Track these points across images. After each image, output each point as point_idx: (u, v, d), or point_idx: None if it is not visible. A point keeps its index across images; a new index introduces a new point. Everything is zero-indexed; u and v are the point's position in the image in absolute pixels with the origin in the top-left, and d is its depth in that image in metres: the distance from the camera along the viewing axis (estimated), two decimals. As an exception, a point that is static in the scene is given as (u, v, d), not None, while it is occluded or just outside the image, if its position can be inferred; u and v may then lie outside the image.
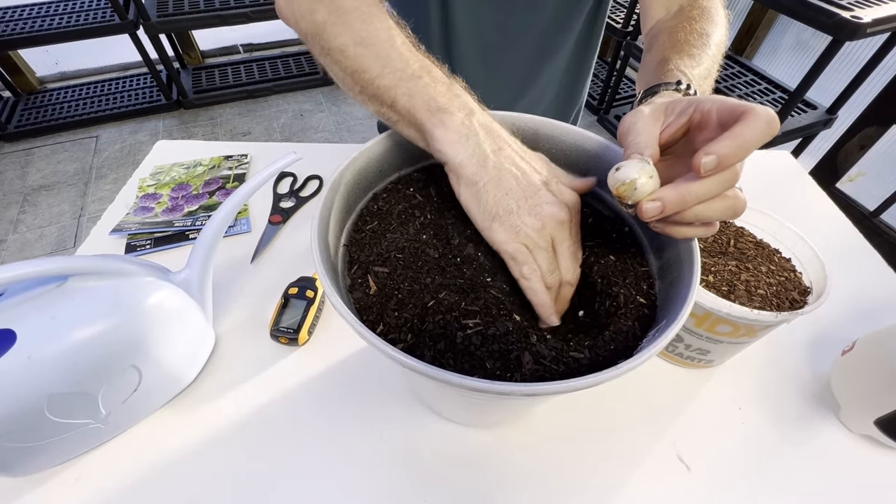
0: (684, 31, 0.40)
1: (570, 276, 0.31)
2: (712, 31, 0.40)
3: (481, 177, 0.30)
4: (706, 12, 0.42)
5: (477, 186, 0.30)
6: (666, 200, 0.25)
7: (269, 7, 2.00)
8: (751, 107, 0.24)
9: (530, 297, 0.30)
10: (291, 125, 2.13)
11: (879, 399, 0.37)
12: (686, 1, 0.45)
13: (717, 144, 0.23)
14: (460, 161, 0.30)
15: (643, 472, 0.38)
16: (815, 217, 0.62)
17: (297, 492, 0.37)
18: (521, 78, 0.66)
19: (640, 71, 0.41)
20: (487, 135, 0.31)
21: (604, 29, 0.67)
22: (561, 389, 0.21)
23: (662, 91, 0.34)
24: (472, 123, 0.31)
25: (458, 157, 0.30)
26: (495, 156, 0.30)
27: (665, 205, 0.25)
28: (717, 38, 0.41)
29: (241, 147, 0.71)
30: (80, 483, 0.37)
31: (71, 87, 2.22)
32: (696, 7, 0.44)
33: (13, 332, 0.31)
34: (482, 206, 0.30)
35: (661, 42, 0.41)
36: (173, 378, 0.40)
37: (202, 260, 0.42)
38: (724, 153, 0.23)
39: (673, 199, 0.25)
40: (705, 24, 0.41)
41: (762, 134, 0.23)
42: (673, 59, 0.36)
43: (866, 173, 1.53)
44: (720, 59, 0.40)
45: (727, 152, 0.23)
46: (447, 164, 0.31)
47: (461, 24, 0.60)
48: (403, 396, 0.42)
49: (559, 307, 0.31)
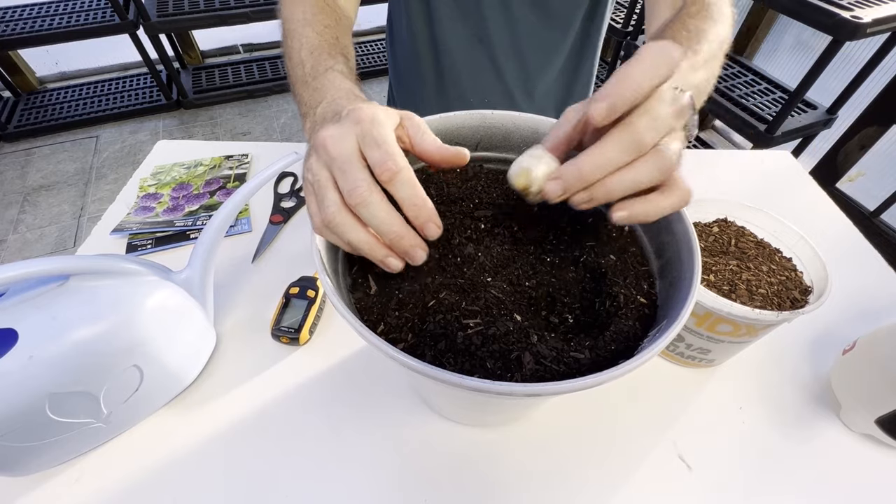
0: (673, 28, 0.39)
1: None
2: (708, 28, 0.39)
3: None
4: (705, 8, 0.41)
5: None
6: (565, 176, 0.24)
7: (269, 7, 2.00)
8: (640, 49, 0.23)
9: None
10: (291, 125, 2.13)
11: (880, 398, 0.37)
12: None
13: (603, 89, 0.22)
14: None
15: (644, 472, 0.38)
16: (815, 217, 0.62)
17: (298, 491, 0.37)
18: (517, 78, 0.66)
19: None
20: (317, 120, 0.33)
21: (603, 33, 0.67)
22: (562, 390, 0.21)
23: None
24: (315, 117, 0.33)
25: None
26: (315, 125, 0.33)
27: (565, 181, 0.24)
28: (715, 32, 0.39)
29: (241, 147, 0.71)
30: (81, 483, 0.37)
31: (71, 87, 2.22)
32: (695, 4, 0.43)
33: (15, 332, 0.31)
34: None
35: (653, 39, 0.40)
36: (174, 378, 0.40)
37: (203, 260, 0.42)
38: (612, 92, 0.22)
39: (571, 174, 0.24)
40: (700, 20, 0.40)
41: (650, 66, 0.22)
42: None
43: (866, 173, 1.53)
44: (721, 55, 0.38)
45: (615, 90, 0.22)
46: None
47: (447, 23, 0.60)
48: (404, 396, 0.42)
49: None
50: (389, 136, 0.26)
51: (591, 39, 0.66)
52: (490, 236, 0.33)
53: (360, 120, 0.26)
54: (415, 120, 0.29)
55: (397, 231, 0.25)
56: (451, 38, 0.62)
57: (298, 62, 0.40)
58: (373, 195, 0.25)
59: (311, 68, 0.38)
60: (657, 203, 0.25)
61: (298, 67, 0.39)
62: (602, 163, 0.23)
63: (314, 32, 0.41)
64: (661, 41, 0.23)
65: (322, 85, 0.36)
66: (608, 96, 0.22)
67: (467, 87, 0.65)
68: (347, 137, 0.26)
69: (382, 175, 0.25)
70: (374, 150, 0.25)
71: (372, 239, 0.26)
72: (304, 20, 0.42)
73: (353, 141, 0.26)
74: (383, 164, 0.25)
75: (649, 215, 0.25)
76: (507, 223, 0.33)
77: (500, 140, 0.38)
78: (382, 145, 0.25)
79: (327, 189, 0.26)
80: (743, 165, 0.70)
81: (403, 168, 0.25)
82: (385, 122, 0.26)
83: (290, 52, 0.41)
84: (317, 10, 0.44)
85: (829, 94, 1.42)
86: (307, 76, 0.38)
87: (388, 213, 0.25)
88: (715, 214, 0.46)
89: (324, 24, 0.42)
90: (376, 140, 0.25)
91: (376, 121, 0.26)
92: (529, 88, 0.67)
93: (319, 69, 0.37)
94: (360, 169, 0.25)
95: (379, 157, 0.25)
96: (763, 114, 1.40)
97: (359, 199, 0.25)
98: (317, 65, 0.38)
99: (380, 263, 0.27)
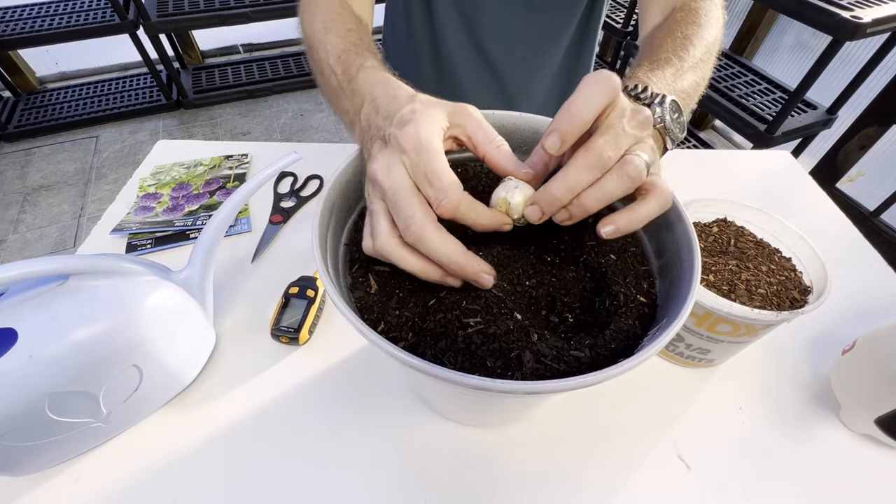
0: (660, 35, 0.40)
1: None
2: (694, 33, 0.39)
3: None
4: (692, 13, 0.42)
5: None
6: (539, 201, 0.26)
7: (269, 7, 2.00)
8: (581, 81, 0.25)
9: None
10: (291, 125, 2.13)
11: (880, 398, 0.37)
12: (679, 3, 0.45)
13: (552, 122, 0.25)
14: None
15: (643, 472, 0.38)
16: (815, 217, 0.62)
17: (298, 491, 0.37)
18: (514, 79, 0.66)
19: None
20: (363, 127, 0.33)
21: (599, 33, 0.67)
22: (561, 388, 0.21)
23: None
24: (361, 124, 0.33)
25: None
26: (364, 133, 0.33)
27: (541, 206, 0.26)
28: (701, 36, 0.39)
29: (241, 147, 0.71)
30: (81, 483, 0.37)
31: (71, 87, 2.22)
32: (683, 9, 0.43)
33: (14, 332, 0.31)
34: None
35: (641, 49, 0.41)
36: (174, 377, 0.40)
37: (203, 259, 0.42)
38: (557, 125, 0.24)
39: (544, 199, 0.25)
40: (686, 26, 0.40)
41: (588, 97, 0.24)
42: (640, 65, 0.36)
43: (866, 173, 1.53)
44: (710, 57, 0.39)
45: (559, 124, 0.24)
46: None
47: (448, 30, 0.60)
48: (404, 395, 0.42)
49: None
50: (439, 164, 0.25)
51: (588, 38, 0.66)
52: (490, 236, 0.33)
53: (405, 150, 0.26)
54: (481, 125, 0.29)
55: (457, 261, 0.25)
56: (452, 43, 0.62)
57: (330, 72, 0.38)
58: (426, 230, 0.25)
59: (343, 73, 0.37)
60: (639, 211, 0.26)
61: (332, 78, 0.38)
62: (570, 185, 0.25)
63: (337, 37, 0.40)
64: (601, 71, 0.25)
65: (358, 87, 0.35)
66: (555, 130, 0.25)
67: (467, 91, 0.66)
68: (395, 168, 0.26)
69: (440, 213, 0.25)
70: (426, 188, 0.25)
71: (426, 265, 0.26)
72: (325, 28, 0.41)
73: (401, 172, 0.26)
74: (438, 204, 0.25)
75: (634, 224, 0.26)
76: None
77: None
78: (435, 181, 0.25)
79: (380, 217, 0.27)
80: (743, 165, 0.70)
81: (460, 203, 0.25)
82: (431, 144, 0.26)
83: (320, 66, 0.40)
84: (335, 17, 0.43)
85: (829, 94, 1.42)
86: (342, 83, 0.37)
87: (445, 244, 0.25)
88: (714, 214, 0.46)
89: (345, 28, 0.41)
90: (427, 175, 0.25)
91: (422, 147, 0.25)
92: (528, 91, 0.68)
93: (351, 72, 0.37)
94: (412, 204, 0.25)
95: (433, 196, 0.25)
96: (763, 114, 1.40)
97: (413, 236, 0.25)
98: (347, 68, 0.37)
99: (439, 283, 0.27)
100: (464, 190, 0.26)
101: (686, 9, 0.43)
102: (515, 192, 0.27)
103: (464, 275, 0.26)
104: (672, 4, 0.45)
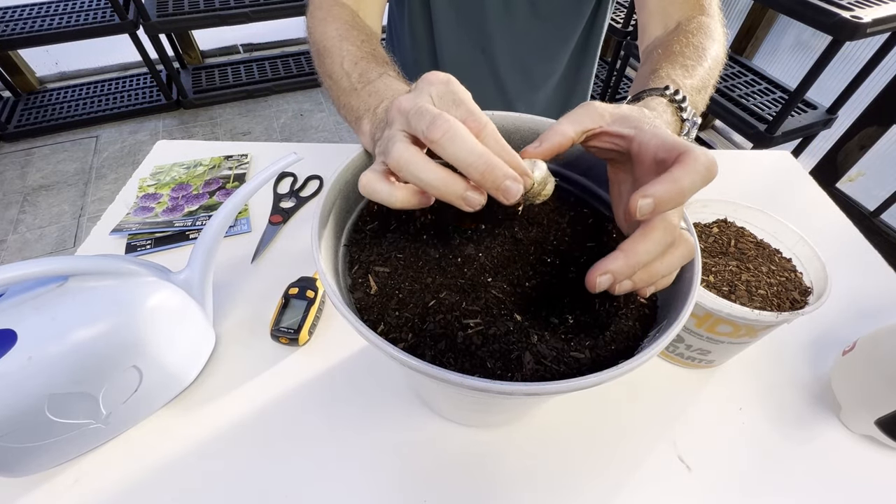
0: (679, 43, 0.40)
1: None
2: (709, 46, 0.40)
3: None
4: (704, 27, 0.43)
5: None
6: (614, 272, 0.24)
7: (269, 7, 2.00)
8: (689, 148, 0.23)
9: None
10: (291, 125, 2.13)
11: (880, 399, 0.37)
12: (684, 17, 0.45)
13: (654, 187, 0.22)
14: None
15: (644, 472, 0.38)
16: (815, 217, 0.62)
17: (298, 491, 0.37)
18: (519, 88, 0.66)
19: (633, 83, 0.42)
20: (379, 116, 0.33)
21: (603, 35, 0.67)
22: (562, 389, 0.21)
23: (646, 97, 0.33)
24: (377, 116, 0.34)
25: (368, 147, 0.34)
26: (379, 123, 0.32)
27: (614, 275, 0.24)
28: (714, 52, 0.40)
29: (241, 147, 0.71)
30: (81, 483, 0.37)
31: (71, 87, 2.22)
32: (693, 22, 0.44)
33: (14, 333, 0.31)
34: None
35: (654, 56, 0.41)
36: (174, 378, 0.40)
37: (203, 260, 0.42)
38: (662, 197, 0.22)
39: (619, 269, 0.24)
40: (702, 38, 0.41)
41: (701, 179, 0.23)
42: (664, 68, 0.36)
43: (866, 173, 1.53)
44: (717, 74, 0.40)
45: (664, 197, 0.22)
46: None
47: (448, 34, 0.61)
48: (404, 396, 0.42)
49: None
50: (467, 94, 0.25)
51: (591, 44, 0.66)
52: (490, 236, 0.33)
53: (433, 82, 0.25)
54: (487, 125, 0.28)
55: (488, 161, 0.22)
56: (453, 48, 0.62)
57: (342, 74, 0.39)
58: (453, 123, 0.22)
59: (360, 76, 0.37)
60: (670, 263, 0.25)
61: (344, 79, 0.39)
62: (642, 258, 0.24)
63: (353, 46, 0.41)
64: (707, 153, 0.23)
65: (378, 89, 0.35)
66: (657, 199, 0.22)
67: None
68: (422, 96, 0.24)
69: (470, 128, 0.23)
70: (453, 109, 0.24)
71: (448, 175, 0.23)
72: (340, 36, 0.42)
73: (427, 98, 0.24)
74: (466, 121, 0.23)
75: (668, 278, 0.26)
76: (507, 224, 0.34)
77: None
78: (461, 104, 0.24)
79: (396, 133, 0.24)
80: (743, 165, 0.70)
81: (487, 124, 0.24)
82: (459, 84, 0.25)
83: (332, 68, 0.40)
84: (349, 27, 0.43)
85: (829, 94, 1.42)
86: (355, 84, 0.37)
87: (476, 143, 0.23)
88: (715, 215, 0.46)
89: (360, 38, 0.42)
90: (454, 100, 0.24)
91: (451, 81, 0.25)
92: (531, 97, 0.67)
93: (370, 76, 0.37)
94: (436, 110, 0.23)
95: (461, 115, 0.23)
96: (763, 114, 1.40)
97: (439, 131, 0.22)
98: (365, 73, 0.37)
99: (458, 202, 0.24)
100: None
101: (696, 22, 0.44)
102: (533, 165, 0.26)
103: (493, 178, 0.22)
104: (675, 18, 0.46)
